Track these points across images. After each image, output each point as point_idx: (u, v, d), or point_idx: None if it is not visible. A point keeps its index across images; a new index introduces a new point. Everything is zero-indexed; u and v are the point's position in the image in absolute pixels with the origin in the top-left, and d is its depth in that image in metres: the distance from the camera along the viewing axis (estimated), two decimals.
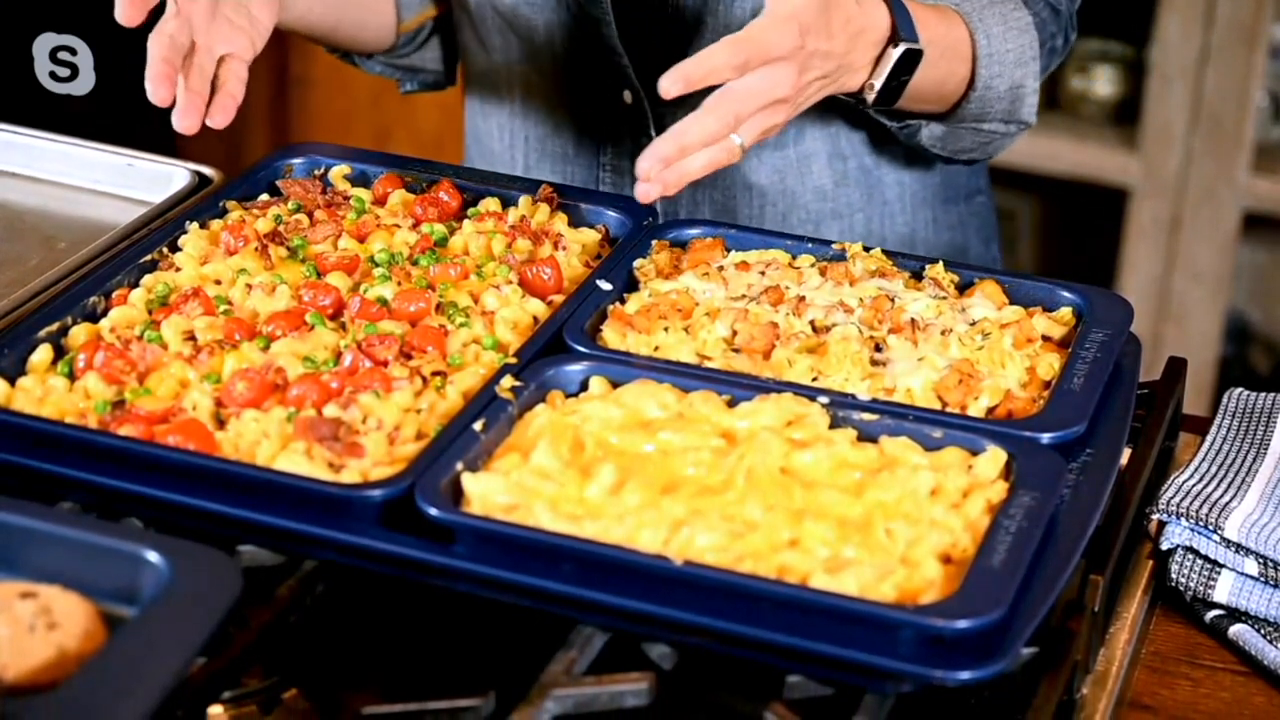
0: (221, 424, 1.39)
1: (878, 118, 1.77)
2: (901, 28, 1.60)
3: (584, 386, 1.44)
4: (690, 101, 1.79)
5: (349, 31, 1.94)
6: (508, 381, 1.41)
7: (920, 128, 1.77)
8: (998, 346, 1.48)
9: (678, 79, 1.49)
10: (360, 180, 1.75)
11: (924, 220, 1.94)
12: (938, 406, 1.43)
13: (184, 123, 1.64)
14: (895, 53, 1.60)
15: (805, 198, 1.88)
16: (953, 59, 1.70)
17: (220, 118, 1.65)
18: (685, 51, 1.76)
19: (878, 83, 1.61)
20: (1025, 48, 1.73)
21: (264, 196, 1.71)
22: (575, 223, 1.68)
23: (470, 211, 1.70)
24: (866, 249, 1.61)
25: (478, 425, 1.36)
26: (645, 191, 1.50)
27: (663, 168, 1.50)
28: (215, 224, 1.64)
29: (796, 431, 1.37)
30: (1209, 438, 1.56)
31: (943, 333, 1.49)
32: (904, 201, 1.93)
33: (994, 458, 1.35)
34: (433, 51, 2.03)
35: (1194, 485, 1.48)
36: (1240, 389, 1.62)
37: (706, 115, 1.50)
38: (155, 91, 1.63)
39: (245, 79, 1.68)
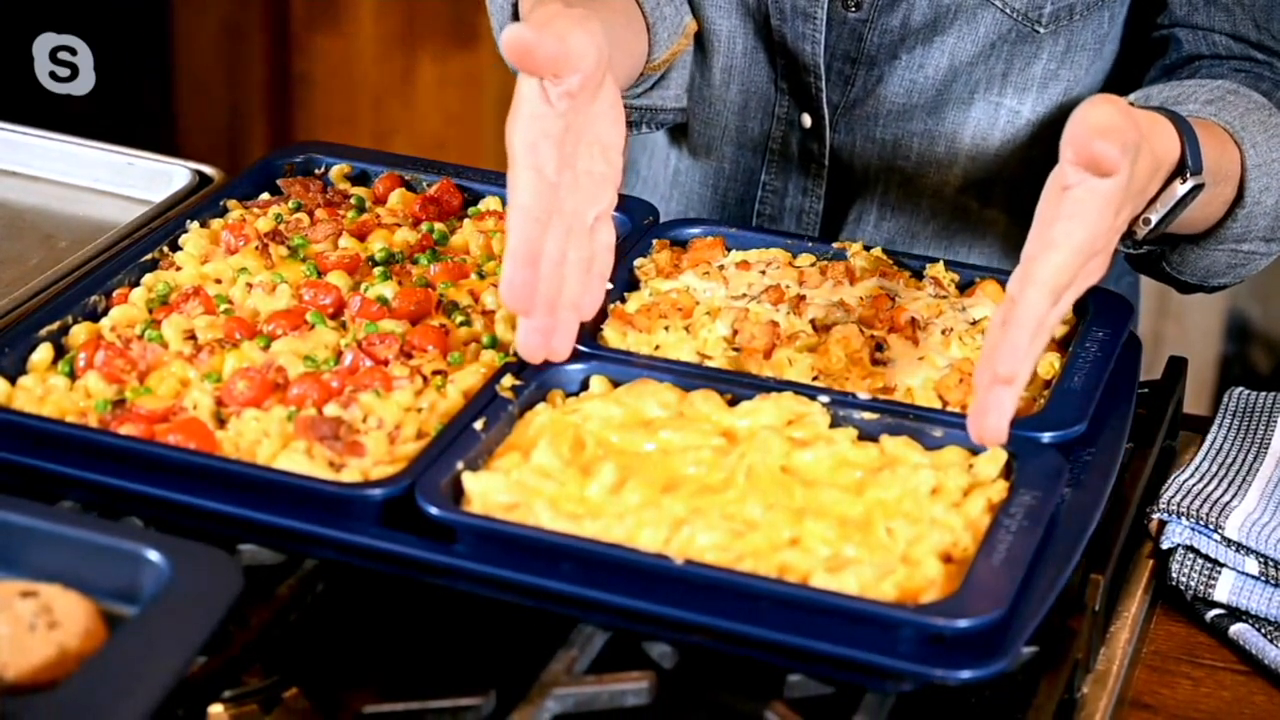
0: (222, 423, 1.39)
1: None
2: (1190, 158, 1.44)
3: (584, 385, 1.44)
4: (871, 128, 1.76)
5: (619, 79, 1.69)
6: (508, 380, 1.41)
7: (1160, 253, 1.63)
8: None
9: (1015, 368, 1.27)
10: (360, 179, 1.75)
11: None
12: (938, 405, 1.43)
13: (535, 350, 1.39)
14: (1182, 189, 1.45)
15: (972, 258, 1.82)
16: (1223, 181, 1.52)
17: (589, 308, 1.43)
18: (876, 83, 1.75)
19: (1154, 217, 1.46)
20: None
21: (264, 195, 1.71)
22: None
23: (470, 210, 1.70)
24: (867, 248, 1.61)
25: (478, 424, 1.36)
26: (1005, 421, 1.28)
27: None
28: (216, 223, 1.64)
29: (797, 430, 1.37)
30: (1209, 437, 1.56)
31: (943, 332, 1.49)
32: None
33: (994, 457, 1.35)
34: (674, 89, 1.79)
35: (1194, 484, 1.47)
36: (1241, 388, 1.62)
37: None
38: (513, 300, 1.37)
39: (613, 245, 1.44)
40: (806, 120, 1.80)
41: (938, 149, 1.77)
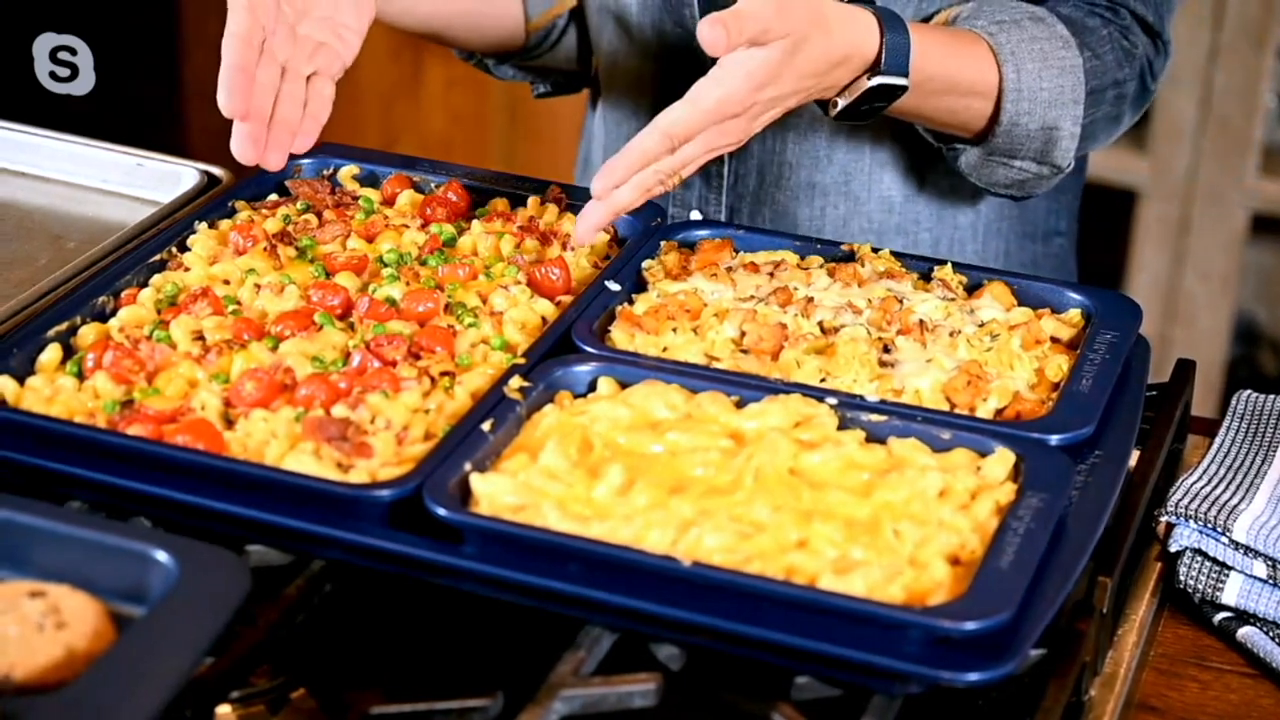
0: (230, 424, 1.39)
1: (924, 135, 1.74)
2: (888, 59, 1.56)
3: (592, 387, 1.44)
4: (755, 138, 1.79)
5: (461, 33, 1.88)
6: (516, 382, 1.41)
7: (960, 152, 1.72)
8: (1006, 348, 1.48)
9: (602, 186, 1.51)
10: (369, 180, 1.75)
11: (996, 252, 1.88)
12: (946, 408, 1.43)
13: (247, 153, 1.57)
14: (866, 84, 1.57)
15: (869, 206, 1.83)
16: (965, 94, 1.64)
17: (303, 141, 1.60)
18: None
19: (842, 102, 1.58)
20: (1066, 89, 1.66)
21: (273, 196, 1.71)
22: None
23: (479, 211, 1.70)
24: (875, 250, 1.61)
25: (486, 425, 1.36)
26: (589, 227, 1.53)
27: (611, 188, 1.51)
28: (224, 224, 1.65)
29: (805, 432, 1.37)
30: (1217, 440, 1.56)
31: (951, 334, 1.49)
32: (976, 229, 1.86)
33: (1002, 459, 1.35)
34: (566, 51, 1.94)
35: (1202, 487, 1.47)
36: (1249, 391, 1.62)
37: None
38: (230, 103, 1.54)
39: (331, 99, 1.61)
40: None
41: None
